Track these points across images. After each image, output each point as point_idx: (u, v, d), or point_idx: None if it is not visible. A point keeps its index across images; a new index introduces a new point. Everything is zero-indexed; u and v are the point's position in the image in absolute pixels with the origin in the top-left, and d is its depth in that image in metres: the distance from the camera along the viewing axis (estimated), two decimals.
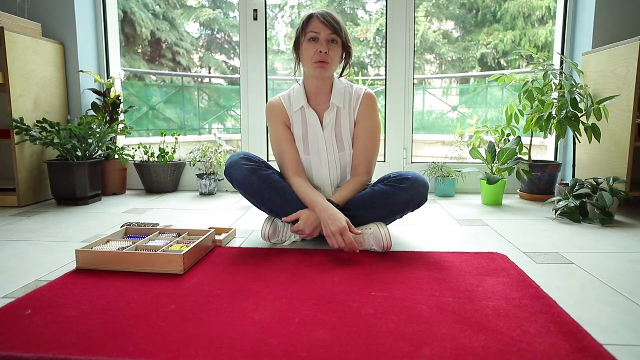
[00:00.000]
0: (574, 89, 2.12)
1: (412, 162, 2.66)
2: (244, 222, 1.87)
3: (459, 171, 2.52)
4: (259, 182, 1.42)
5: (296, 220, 1.41)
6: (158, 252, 1.23)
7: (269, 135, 1.58)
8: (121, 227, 1.64)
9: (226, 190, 2.69)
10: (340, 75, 1.54)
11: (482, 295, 1.04)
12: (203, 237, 1.37)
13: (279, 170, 1.54)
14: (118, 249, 1.29)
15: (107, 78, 2.70)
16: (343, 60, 1.49)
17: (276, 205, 1.44)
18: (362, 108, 1.51)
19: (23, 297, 1.04)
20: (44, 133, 2.19)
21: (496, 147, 2.34)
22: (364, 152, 1.52)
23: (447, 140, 4.28)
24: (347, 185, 1.48)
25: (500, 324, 0.90)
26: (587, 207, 1.84)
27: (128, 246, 1.32)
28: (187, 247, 1.31)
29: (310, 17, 1.40)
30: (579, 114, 2.10)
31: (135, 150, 2.67)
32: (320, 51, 1.38)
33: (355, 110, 1.51)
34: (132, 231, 1.51)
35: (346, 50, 1.46)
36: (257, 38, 2.60)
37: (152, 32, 6.92)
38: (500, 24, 7.01)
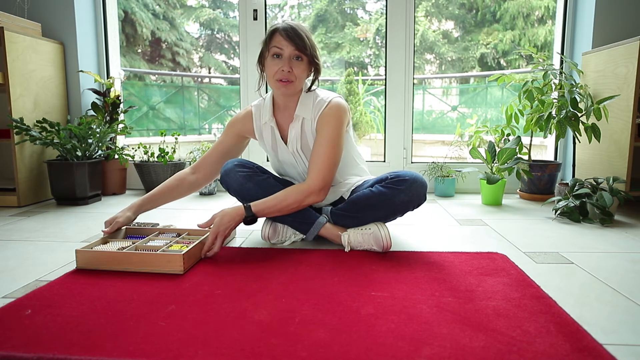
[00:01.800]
0: (574, 89, 2.12)
1: (412, 162, 2.66)
2: None
3: (459, 171, 2.52)
4: (255, 189, 1.42)
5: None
6: (158, 252, 1.23)
7: None
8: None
9: (224, 190, 2.69)
10: (309, 90, 1.45)
11: (482, 295, 1.04)
12: (203, 237, 1.36)
13: (274, 174, 1.54)
14: (118, 249, 1.29)
15: (107, 78, 2.70)
16: (312, 75, 1.42)
17: None
18: (323, 115, 1.39)
19: (23, 297, 1.04)
20: (44, 133, 2.19)
21: (496, 147, 2.34)
22: (316, 158, 1.37)
23: (447, 140, 4.28)
24: (279, 194, 1.37)
25: (500, 324, 0.90)
26: (587, 207, 1.84)
27: (128, 246, 1.32)
28: (187, 247, 1.31)
29: (274, 32, 1.33)
30: (579, 114, 2.10)
31: (135, 150, 2.67)
32: (283, 70, 1.32)
33: (316, 118, 1.41)
34: (132, 231, 1.51)
35: (314, 65, 1.38)
36: (257, 38, 2.60)
37: (153, 32, 6.92)
38: (500, 24, 7.01)
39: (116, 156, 2.46)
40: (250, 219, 1.36)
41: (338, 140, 1.39)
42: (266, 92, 1.49)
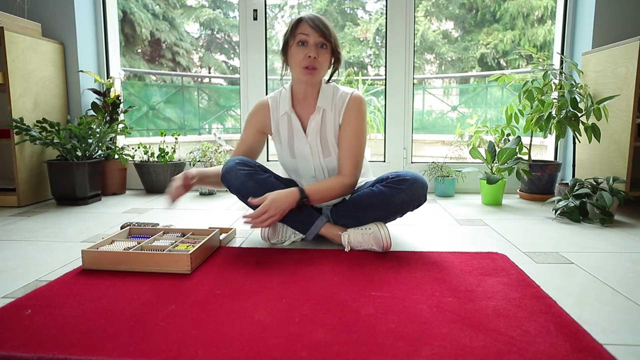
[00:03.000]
0: (574, 89, 2.12)
1: (412, 162, 2.66)
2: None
3: (459, 171, 2.52)
4: (255, 187, 1.41)
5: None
6: (164, 252, 1.23)
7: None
8: (121, 227, 1.64)
9: (226, 191, 2.69)
10: (328, 81, 1.50)
11: (482, 295, 1.04)
12: (209, 237, 1.36)
13: (275, 173, 1.54)
14: (124, 249, 1.29)
15: (107, 78, 2.70)
16: (332, 66, 1.46)
17: None
18: (348, 110, 1.45)
19: (23, 297, 1.04)
20: (44, 133, 2.19)
21: (496, 147, 2.34)
22: (348, 152, 1.45)
23: (447, 140, 4.27)
24: (324, 182, 1.44)
25: (500, 324, 0.90)
26: (587, 207, 1.84)
27: (134, 246, 1.32)
28: (193, 246, 1.30)
29: (299, 21, 1.38)
30: (579, 114, 2.10)
31: (135, 150, 2.67)
32: (309, 56, 1.36)
33: (341, 113, 1.46)
34: (136, 231, 1.50)
35: (335, 55, 1.43)
36: (257, 38, 2.60)
37: (152, 32, 6.92)
38: (500, 24, 7.01)
39: (116, 156, 2.46)
40: (304, 202, 1.37)
41: (364, 133, 1.48)
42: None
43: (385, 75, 2.60)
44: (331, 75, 1.49)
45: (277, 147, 1.59)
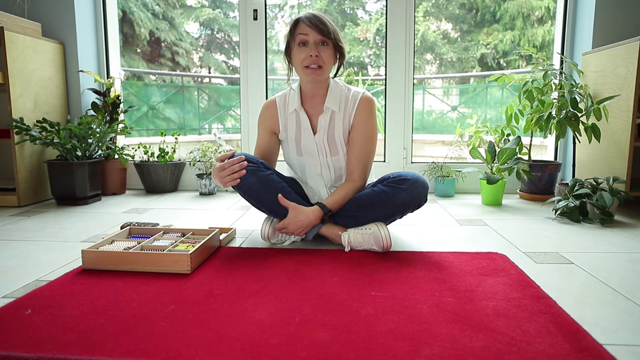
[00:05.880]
0: (574, 89, 2.12)
1: (412, 162, 2.66)
2: (244, 222, 1.87)
3: (459, 171, 2.52)
4: (257, 183, 1.42)
5: (285, 214, 1.42)
6: (165, 252, 1.23)
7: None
8: (121, 227, 1.64)
9: (226, 190, 2.69)
10: (335, 76, 1.51)
11: (482, 295, 1.04)
12: (209, 237, 1.36)
13: (278, 171, 1.54)
14: (124, 249, 1.29)
15: (107, 78, 2.70)
16: (337, 61, 1.47)
17: (275, 206, 1.44)
18: (359, 112, 1.47)
19: (23, 297, 1.04)
20: (44, 133, 2.19)
21: (496, 147, 2.34)
22: (359, 157, 1.49)
23: (447, 140, 4.27)
24: (340, 191, 1.46)
25: (500, 324, 0.90)
26: (587, 207, 1.84)
27: (134, 246, 1.32)
28: (193, 246, 1.30)
29: (297, 21, 1.39)
30: (579, 114, 2.10)
31: (135, 150, 2.67)
32: (311, 55, 1.37)
33: (352, 114, 1.47)
34: (136, 231, 1.50)
35: (338, 51, 1.44)
36: (257, 38, 2.60)
37: (152, 31, 6.91)
38: (500, 24, 7.01)
39: (116, 156, 2.46)
40: (328, 214, 1.43)
41: (375, 136, 1.51)
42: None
43: (385, 75, 2.60)
44: (337, 70, 1.50)
45: (284, 145, 1.60)
